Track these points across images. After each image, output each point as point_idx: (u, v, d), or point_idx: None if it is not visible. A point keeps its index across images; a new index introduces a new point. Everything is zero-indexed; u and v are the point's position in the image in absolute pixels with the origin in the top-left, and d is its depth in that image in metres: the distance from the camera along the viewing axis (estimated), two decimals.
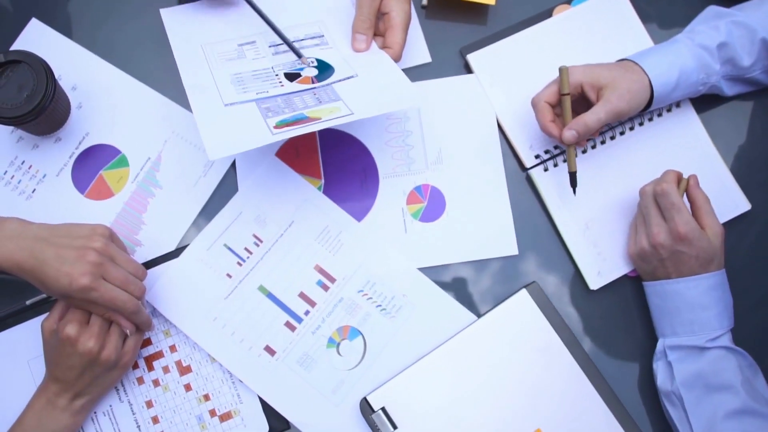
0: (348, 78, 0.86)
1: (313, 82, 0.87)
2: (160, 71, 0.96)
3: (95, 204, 0.93)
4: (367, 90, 0.84)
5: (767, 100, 0.98)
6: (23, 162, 0.93)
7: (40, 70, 0.86)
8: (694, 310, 0.86)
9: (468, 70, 0.98)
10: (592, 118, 0.86)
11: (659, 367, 0.88)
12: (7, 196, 0.92)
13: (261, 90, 0.85)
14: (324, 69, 0.89)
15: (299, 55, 0.89)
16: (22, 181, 0.93)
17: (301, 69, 0.88)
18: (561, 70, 0.88)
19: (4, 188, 0.93)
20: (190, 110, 0.94)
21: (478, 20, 0.99)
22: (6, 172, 0.93)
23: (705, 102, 0.97)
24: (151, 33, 0.97)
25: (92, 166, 0.94)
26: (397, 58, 0.89)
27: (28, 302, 0.89)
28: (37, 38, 0.96)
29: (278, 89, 0.86)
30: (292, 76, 0.88)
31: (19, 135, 0.94)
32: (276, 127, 0.78)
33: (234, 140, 0.77)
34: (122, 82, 0.96)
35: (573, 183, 0.91)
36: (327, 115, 0.79)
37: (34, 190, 0.93)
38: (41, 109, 0.86)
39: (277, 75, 0.88)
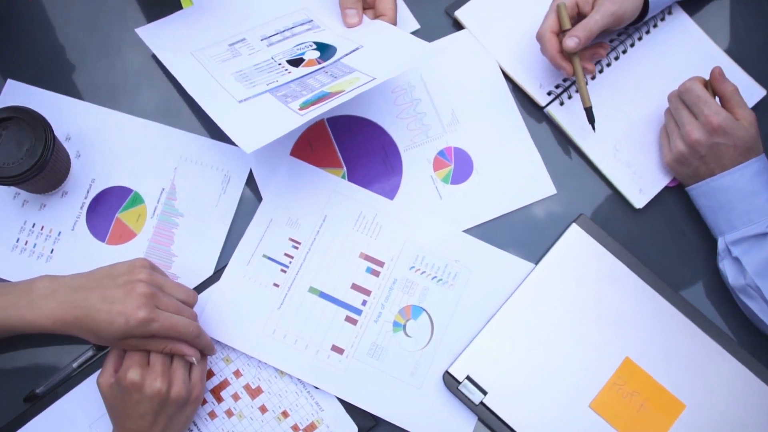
0: (354, 50, 0.84)
1: (319, 63, 0.85)
2: (150, 101, 0.93)
3: (119, 249, 0.89)
4: (379, 55, 0.82)
5: None
6: (34, 225, 0.89)
7: (35, 122, 0.82)
8: (746, 198, 0.85)
9: (459, 26, 0.97)
10: (590, 21, 0.87)
11: (726, 266, 0.87)
12: (25, 264, 0.87)
13: (270, 81, 0.83)
14: (325, 49, 0.87)
15: None
16: (37, 244, 0.88)
17: (303, 53, 0.86)
18: (559, 7, 0.88)
19: (19, 256, 0.88)
20: (192, 132, 0.92)
21: None
22: (18, 239, 0.88)
23: (693, 4, 0.97)
24: (130, 64, 0.94)
25: (107, 211, 0.90)
26: (393, 24, 0.87)
27: (75, 364, 0.85)
28: (17, 98, 0.91)
29: (287, 76, 0.83)
30: (296, 62, 0.85)
31: (23, 199, 0.89)
32: (301, 109, 0.76)
33: (264, 129, 0.74)
34: (115, 121, 0.92)
35: (590, 119, 0.90)
36: (348, 87, 0.77)
37: (52, 250, 0.88)
38: (45, 161, 0.82)
39: (280, 64, 0.85)
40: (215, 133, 0.92)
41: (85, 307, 0.75)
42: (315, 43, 0.88)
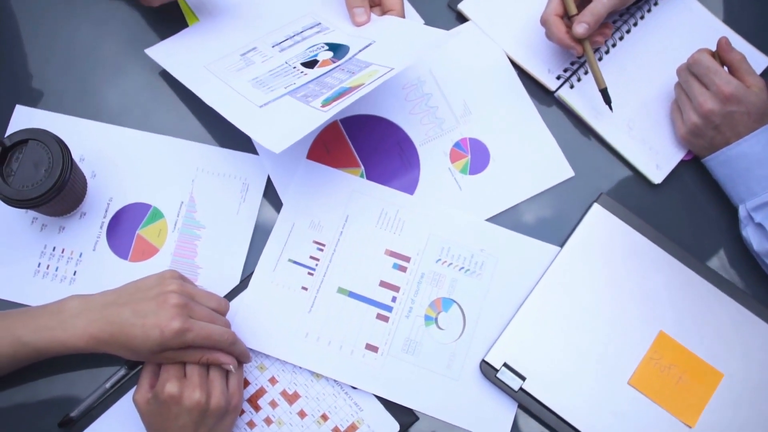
0: (367, 46, 0.84)
1: (334, 62, 0.85)
2: (161, 116, 0.93)
3: (143, 265, 0.88)
4: (393, 47, 0.82)
5: None
6: (54, 248, 0.88)
7: (51, 142, 0.82)
8: (764, 163, 0.86)
9: (462, 19, 0.97)
10: (597, 5, 0.88)
11: (750, 232, 0.87)
12: (48, 288, 0.86)
13: (287, 84, 0.83)
14: (337, 49, 0.87)
15: None
16: (59, 267, 0.87)
17: (316, 55, 0.86)
18: None
19: (42, 281, 0.87)
20: (206, 143, 0.91)
21: None
22: (39, 264, 0.87)
23: None
24: (138, 83, 0.94)
25: (127, 229, 0.89)
26: (402, 18, 0.88)
27: (108, 385, 0.83)
28: (27, 123, 0.91)
29: (304, 78, 0.83)
30: (310, 64, 0.85)
31: (41, 223, 0.88)
32: (323, 106, 0.76)
33: (289, 129, 0.74)
34: (128, 138, 0.91)
35: (607, 100, 0.91)
36: (368, 80, 0.77)
37: (75, 272, 0.87)
38: (64, 181, 0.81)
39: (295, 67, 0.85)
40: (230, 142, 0.92)
41: (118, 323, 0.75)
42: (327, 44, 0.88)
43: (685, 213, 0.92)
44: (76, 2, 0.96)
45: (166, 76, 0.93)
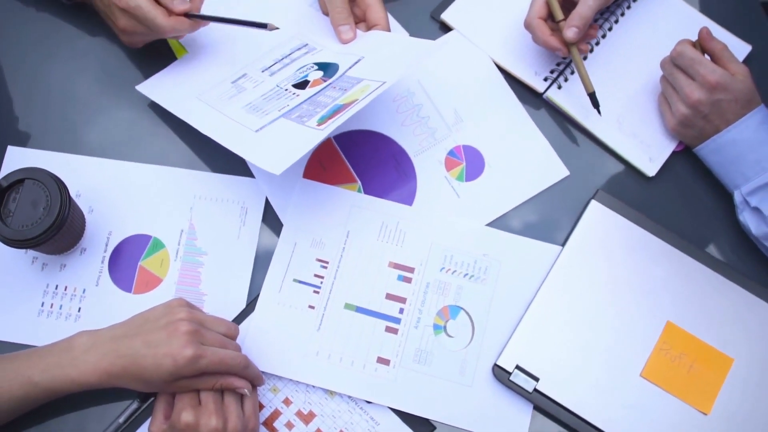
0: (356, 62, 0.85)
1: (324, 81, 0.85)
2: (154, 147, 0.93)
3: (147, 296, 0.87)
4: (383, 60, 0.83)
5: None
6: (56, 286, 0.87)
7: (48, 180, 0.81)
8: (755, 148, 0.87)
9: (446, 29, 0.98)
10: (583, 8, 0.89)
11: (747, 217, 0.88)
12: (53, 327, 0.86)
13: (281, 106, 0.83)
14: (327, 67, 0.87)
15: (263, 25, 0.85)
16: (63, 305, 0.87)
17: (306, 76, 0.87)
18: (549, 0, 0.90)
19: (47, 320, 0.86)
20: (201, 169, 0.92)
21: None
22: (42, 303, 0.87)
23: None
24: (127, 114, 0.94)
25: (129, 261, 0.89)
26: (387, 31, 0.89)
27: (121, 419, 0.83)
28: (20, 163, 0.90)
29: (297, 99, 0.84)
30: (302, 85, 0.86)
31: (42, 262, 0.88)
32: (319, 124, 0.76)
33: (288, 150, 0.75)
34: (123, 171, 0.91)
35: (595, 104, 0.92)
36: (361, 95, 0.77)
37: (80, 308, 0.87)
38: (63, 218, 0.81)
39: (286, 90, 0.86)
40: (225, 167, 0.92)
41: (130, 355, 0.74)
42: (316, 63, 0.89)
43: (682, 203, 0.93)
44: (59, 42, 0.97)
45: (155, 107, 0.93)
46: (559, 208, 0.92)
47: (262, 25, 0.85)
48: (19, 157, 0.91)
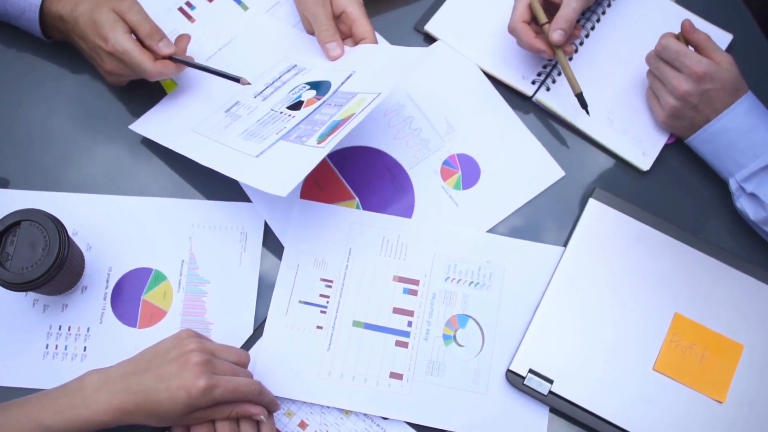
0: (348, 77, 0.85)
1: (318, 99, 0.85)
2: (148, 180, 0.92)
3: (153, 330, 0.87)
4: (375, 73, 0.83)
5: None
6: (60, 327, 0.86)
7: (44, 220, 0.80)
8: (746, 135, 0.88)
9: (431, 39, 0.99)
10: (567, 10, 0.90)
11: (744, 203, 0.89)
12: (60, 368, 0.85)
13: (278, 129, 0.83)
14: (319, 86, 0.87)
15: (236, 79, 0.87)
16: (68, 346, 0.86)
17: (299, 96, 0.87)
18: (532, 3, 0.91)
19: (53, 362, 0.85)
20: (197, 198, 0.91)
21: None
22: (47, 346, 0.86)
23: None
24: (119, 150, 0.93)
25: (131, 296, 0.88)
26: (375, 44, 0.89)
27: None
28: (13, 204, 0.89)
29: (293, 121, 0.84)
30: (296, 106, 0.86)
31: (43, 304, 0.87)
32: (319, 142, 0.76)
33: (291, 171, 0.75)
34: (118, 205, 0.91)
35: (583, 104, 0.92)
36: (357, 109, 0.77)
37: (85, 348, 0.86)
38: (63, 257, 0.80)
39: (281, 112, 0.86)
40: (221, 194, 0.91)
41: (142, 391, 0.73)
42: (307, 83, 0.89)
43: (678, 195, 0.94)
44: (41, 81, 0.96)
45: (145, 141, 0.93)
46: (558, 208, 0.93)
47: (236, 79, 0.87)
48: (10, 200, 0.90)
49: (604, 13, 0.99)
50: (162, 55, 0.87)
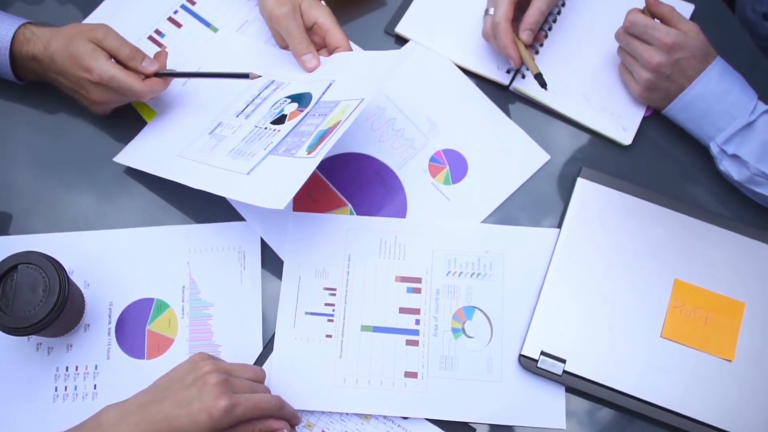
0: (328, 87, 0.86)
1: (301, 111, 0.86)
2: (137, 210, 0.92)
3: (162, 360, 0.86)
4: (355, 79, 0.84)
5: None
6: (67, 368, 0.85)
7: (42, 261, 0.80)
8: (721, 98, 0.90)
9: (402, 41, 1.00)
10: (534, 12, 0.92)
11: (727, 165, 0.91)
12: (72, 409, 0.84)
13: (265, 145, 0.84)
14: (300, 98, 0.88)
15: (245, 76, 0.87)
16: (77, 386, 0.85)
17: (282, 110, 0.87)
18: (518, 43, 0.93)
19: (63, 404, 0.84)
20: (189, 222, 0.91)
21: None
22: (56, 389, 0.85)
23: None
24: (104, 183, 0.93)
25: (136, 328, 0.87)
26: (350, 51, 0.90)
27: None
28: (8, 249, 0.88)
29: (279, 135, 0.84)
30: (280, 120, 0.86)
31: (47, 347, 0.86)
32: (309, 153, 0.77)
33: (284, 184, 0.75)
34: (111, 240, 0.90)
35: (542, 83, 0.94)
36: (343, 116, 0.78)
37: (95, 385, 0.85)
38: (65, 297, 0.79)
39: (266, 128, 0.86)
40: (213, 216, 0.91)
41: (163, 419, 0.73)
42: (288, 97, 0.89)
43: (662, 164, 0.96)
44: (16, 123, 0.95)
45: (130, 172, 0.93)
46: (548, 192, 0.94)
47: (244, 75, 0.86)
48: (5, 246, 0.89)
49: None
50: (148, 73, 0.88)
